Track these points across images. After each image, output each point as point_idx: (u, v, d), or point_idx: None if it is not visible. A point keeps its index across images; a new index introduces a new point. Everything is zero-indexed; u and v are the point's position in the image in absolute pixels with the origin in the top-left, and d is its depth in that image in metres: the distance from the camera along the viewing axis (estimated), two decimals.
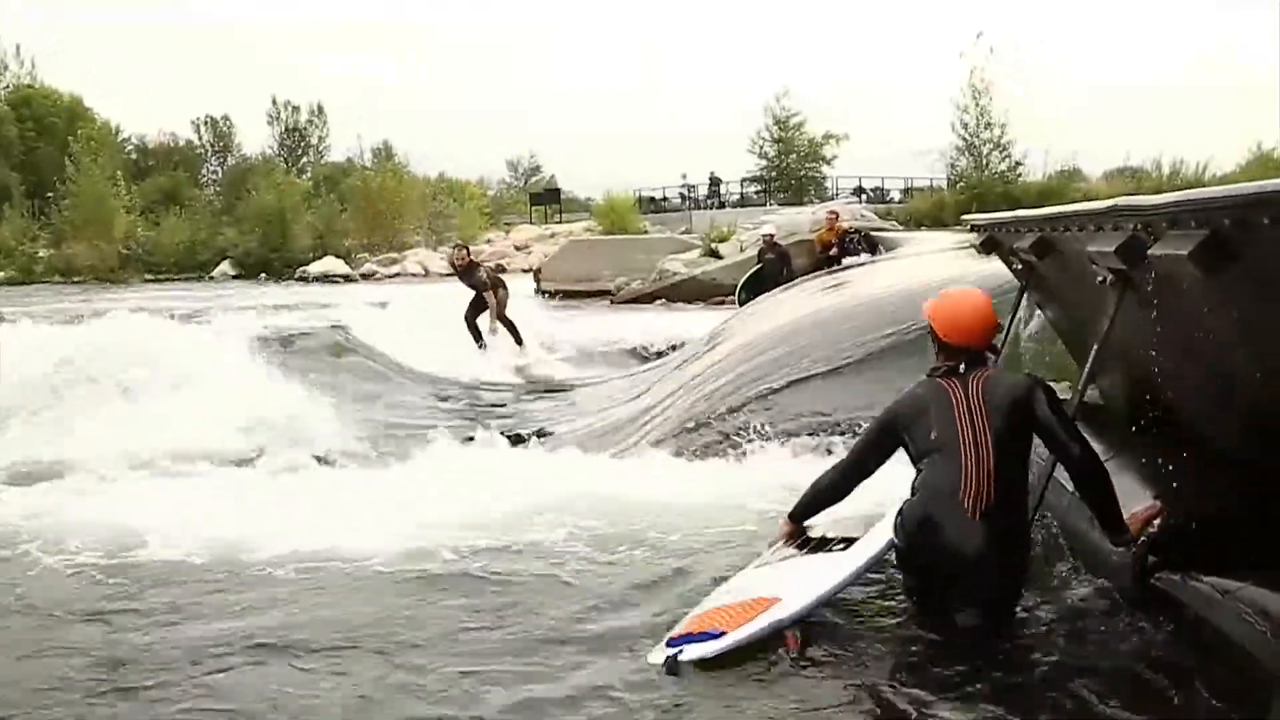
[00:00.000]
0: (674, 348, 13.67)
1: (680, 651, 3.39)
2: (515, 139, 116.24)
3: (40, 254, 48.04)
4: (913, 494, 3.70)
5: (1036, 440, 3.67)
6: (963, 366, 3.75)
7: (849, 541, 3.92)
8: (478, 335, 13.15)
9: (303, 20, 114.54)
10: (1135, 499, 3.59)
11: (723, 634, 3.43)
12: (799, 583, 3.69)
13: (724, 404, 7.39)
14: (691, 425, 7.26)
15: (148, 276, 45.06)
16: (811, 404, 6.78)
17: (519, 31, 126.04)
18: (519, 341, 13.23)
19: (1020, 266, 5.35)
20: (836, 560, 3.81)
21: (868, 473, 3.95)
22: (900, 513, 3.72)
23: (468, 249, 14.89)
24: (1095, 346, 3.84)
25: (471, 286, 13.31)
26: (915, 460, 3.74)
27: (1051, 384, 4.83)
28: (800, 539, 4.11)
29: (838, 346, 7.49)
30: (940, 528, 3.56)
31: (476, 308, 13.25)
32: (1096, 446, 4.14)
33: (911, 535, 3.65)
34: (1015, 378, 3.81)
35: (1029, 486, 3.76)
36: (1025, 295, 5.61)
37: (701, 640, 3.42)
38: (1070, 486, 4.00)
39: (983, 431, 3.57)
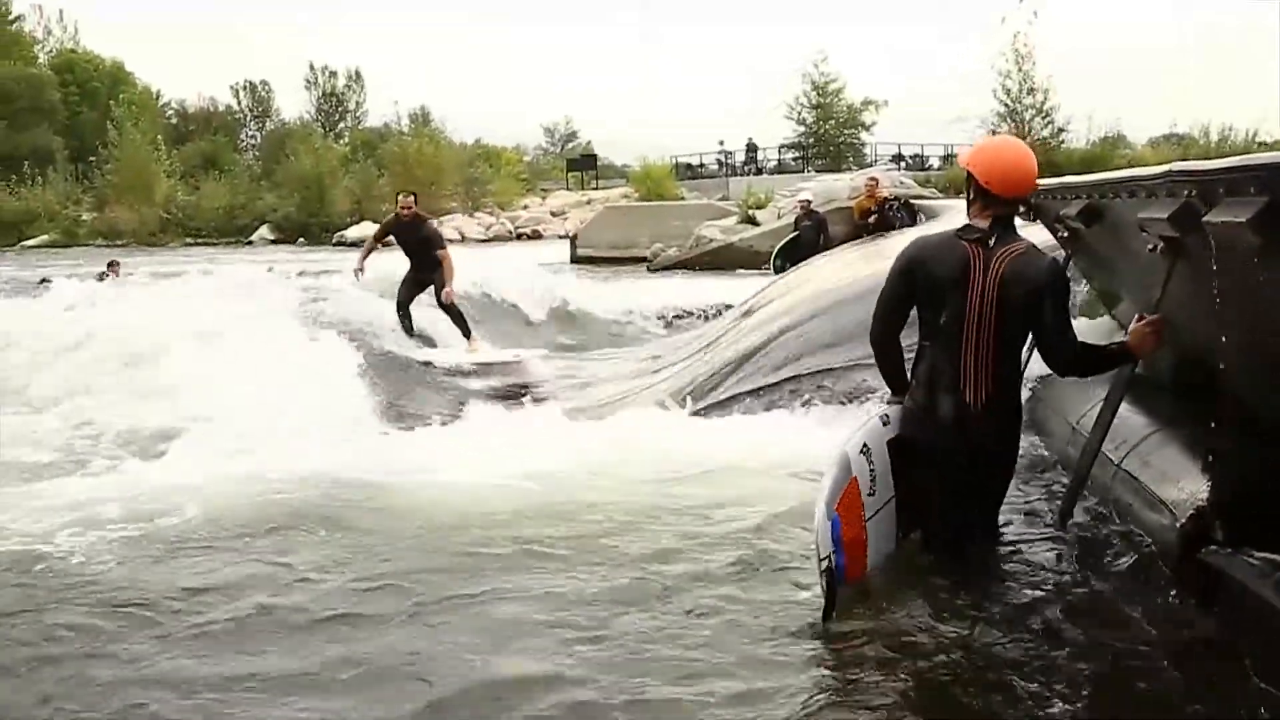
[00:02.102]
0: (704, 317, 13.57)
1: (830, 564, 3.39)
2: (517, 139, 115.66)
3: (83, 217, 48.74)
4: (915, 383, 3.71)
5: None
6: (994, 238, 3.58)
7: None
8: (409, 320, 10.64)
9: (302, 19, 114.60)
10: (1183, 471, 3.52)
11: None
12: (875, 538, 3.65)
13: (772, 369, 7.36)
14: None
15: (188, 240, 45.58)
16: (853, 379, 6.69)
17: (519, 32, 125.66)
18: (467, 334, 10.60)
19: (1066, 234, 5.25)
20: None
21: (904, 320, 3.84)
22: (905, 406, 3.75)
23: (415, 196, 11.30)
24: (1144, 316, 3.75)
25: (417, 245, 10.65)
26: (921, 335, 3.71)
27: None
28: None
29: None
30: (942, 420, 3.60)
31: (419, 280, 10.63)
32: (1142, 419, 4.09)
33: (914, 426, 3.70)
34: (1038, 265, 3.56)
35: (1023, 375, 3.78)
36: (1070, 263, 5.50)
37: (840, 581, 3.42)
38: (1115, 459, 3.94)
39: (989, 324, 3.53)
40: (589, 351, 11.92)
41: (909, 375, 3.82)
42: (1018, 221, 3.80)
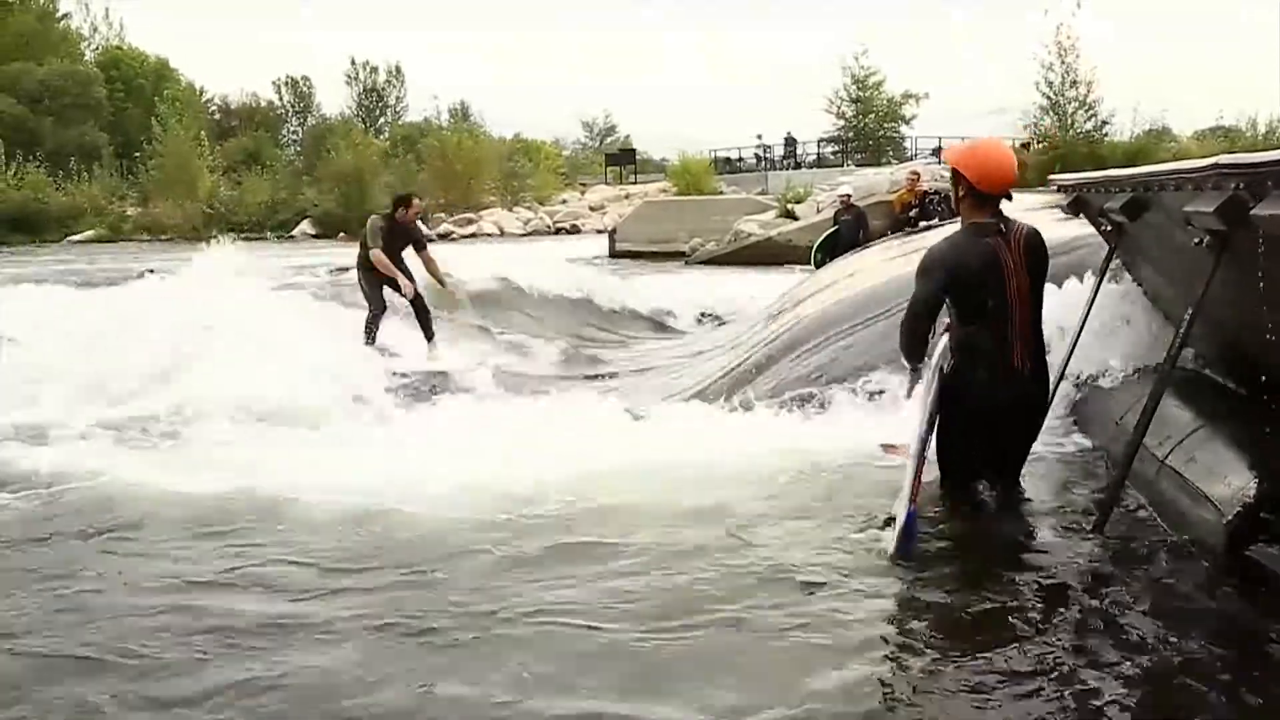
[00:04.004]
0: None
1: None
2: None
3: (128, 212, 49.45)
4: (962, 356, 4.11)
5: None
6: (1002, 225, 4.10)
7: None
8: (380, 321, 9.78)
9: (305, 16, 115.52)
10: (1229, 468, 3.48)
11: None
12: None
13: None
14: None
15: (230, 235, 46.07)
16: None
17: (536, 32, 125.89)
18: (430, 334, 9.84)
19: (1109, 228, 5.19)
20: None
21: (936, 315, 4.30)
22: (951, 378, 4.11)
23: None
24: (1189, 311, 3.70)
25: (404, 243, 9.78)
26: (960, 320, 4.15)
27: (1140, 349, 4.74)
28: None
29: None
30: (1000, 387, 4.07)
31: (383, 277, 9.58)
32: (1187, 414, 4.04)
33: (968, 397, 4.10)
34: (1035, 233, 4.17)
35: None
36: (1113, 257, 5.44)
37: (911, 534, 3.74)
38: (1160, 455, 3.89)
39: (1025, 293, 4.07)
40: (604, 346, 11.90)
41: (938, 355, 4.19)
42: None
